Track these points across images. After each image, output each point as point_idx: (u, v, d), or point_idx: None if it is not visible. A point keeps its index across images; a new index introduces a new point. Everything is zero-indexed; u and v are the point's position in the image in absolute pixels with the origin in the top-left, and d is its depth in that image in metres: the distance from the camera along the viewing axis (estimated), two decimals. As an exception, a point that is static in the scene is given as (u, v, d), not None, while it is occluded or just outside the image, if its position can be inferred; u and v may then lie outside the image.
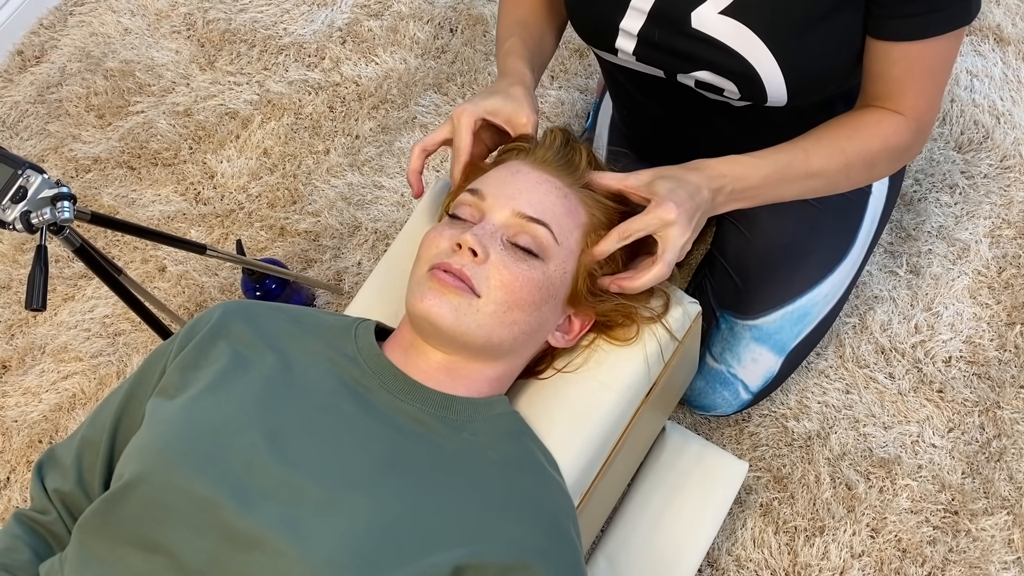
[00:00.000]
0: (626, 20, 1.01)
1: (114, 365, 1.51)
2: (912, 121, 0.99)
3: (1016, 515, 1.26)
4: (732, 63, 0.98)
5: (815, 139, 0.99)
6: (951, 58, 0.97)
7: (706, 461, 1.25)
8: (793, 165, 0.97)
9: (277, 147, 1.67)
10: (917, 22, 0.92)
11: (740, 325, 1.24)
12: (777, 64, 0.96)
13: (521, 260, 0.85)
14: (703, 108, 1.08)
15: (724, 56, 0.98)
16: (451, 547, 0.73)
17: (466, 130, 0.93)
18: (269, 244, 1.58)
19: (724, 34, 0.96)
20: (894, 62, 0.96)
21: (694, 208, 0.89)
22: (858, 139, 0.99)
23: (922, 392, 1.35)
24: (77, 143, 1.73)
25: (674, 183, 0.88)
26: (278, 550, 0.69)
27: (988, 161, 1.50)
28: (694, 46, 0.99)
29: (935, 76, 0.98)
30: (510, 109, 0.94)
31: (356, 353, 0.87)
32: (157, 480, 0.74)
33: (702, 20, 0.97)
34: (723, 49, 0.97)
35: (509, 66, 1.01)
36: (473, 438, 0.83)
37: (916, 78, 0.97)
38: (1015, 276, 1.41)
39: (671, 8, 0.98)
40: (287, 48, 1.78)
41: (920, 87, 0.98)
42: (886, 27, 0.94)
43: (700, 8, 0.96)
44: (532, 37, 1.06)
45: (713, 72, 1.00)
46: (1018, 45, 1.61)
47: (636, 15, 1.00)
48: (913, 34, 0.93)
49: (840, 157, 0.99)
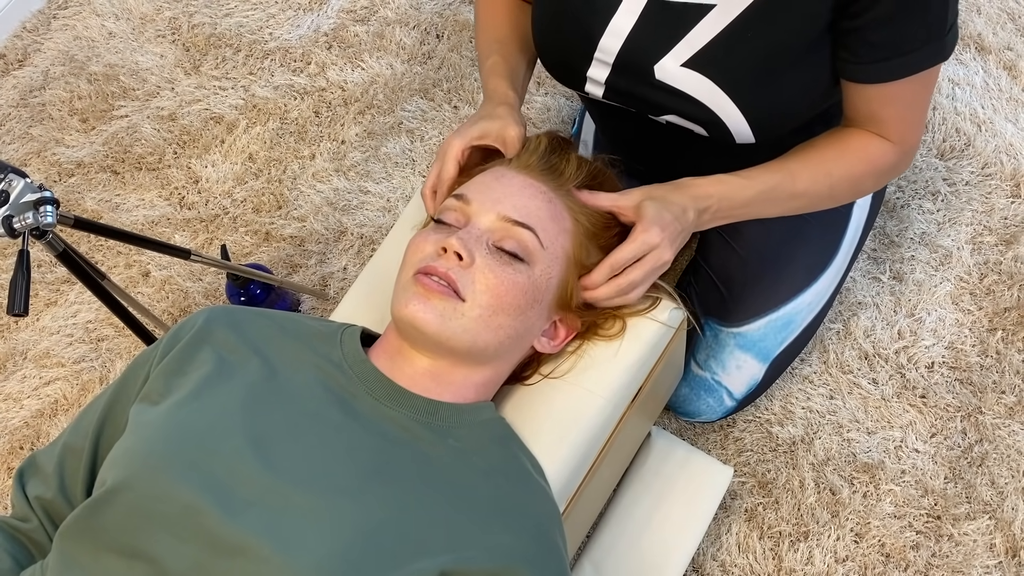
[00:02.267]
0: (592, 69, 1.03)
1: (97, 371, 1.49)
2: (897, 144, 1.00)
3: (998, 520, 1.27)
4: (697, 111, 1.00)
5: (802, 160, 1.00)
6: (930, 87, 0.97)
7: (691, 466, 1.25)
8: (780, 187, 0.98)
9: (262, 152, 1.67)
10: (889, 66, 0.92)
11: (724, 332, 1.25)
12: (741, 113, 0.98)
13: (507, 264, 0.85)
14: (678, 137, 1.09)
15: (688, 105, 1.00)
16: (436, 553, 0.72)
17: (452, 161, 0.94)
18: (254, 249, 1.58)
19: (687, 85, 0.98)
20: (870, 100, 0.97)
21: (678, 230, 0.91)
22: (844, 161, 1.00)
23: (905, 398, 1.35)
24: (60, 147, 1.71)
25: (660, 205, 0.90)
26: (262, 557, 0.68)
27: (970, 168, 1.52)
28: (659, 96, 1.01)
29: (915, 106, 0.98)
30: (497, 127, 0.95)
31: (341, 359, 0.87)
32: (140, 486, 0.74)
33: (665, 72, 0.98)
34: (687, 99, 0.99)
35: (491, 87, 1.02)
36: (459, 444, 0.83)
37: (896, 111, 0.97)
38: (996, 282, 1.43)
39: (634, 60, 0.99)
40: (273, 53, 1.77)
41: (900, 117, 0.98)
42: (858, 72, 0.95)
43: (663, 61, 0.98)
44: (512, 53, 1.07)
45: (680, 117, 1.02)
46: (999, 54, 1.63)
47: (601, 66, 1.02)
48: (886, 77, 0.94)
49: (826, 179, 1.00)
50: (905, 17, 0.88)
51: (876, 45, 0.91)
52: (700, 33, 0.94)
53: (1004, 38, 1.64)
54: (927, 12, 0.89)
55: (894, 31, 0.90)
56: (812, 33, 0.93)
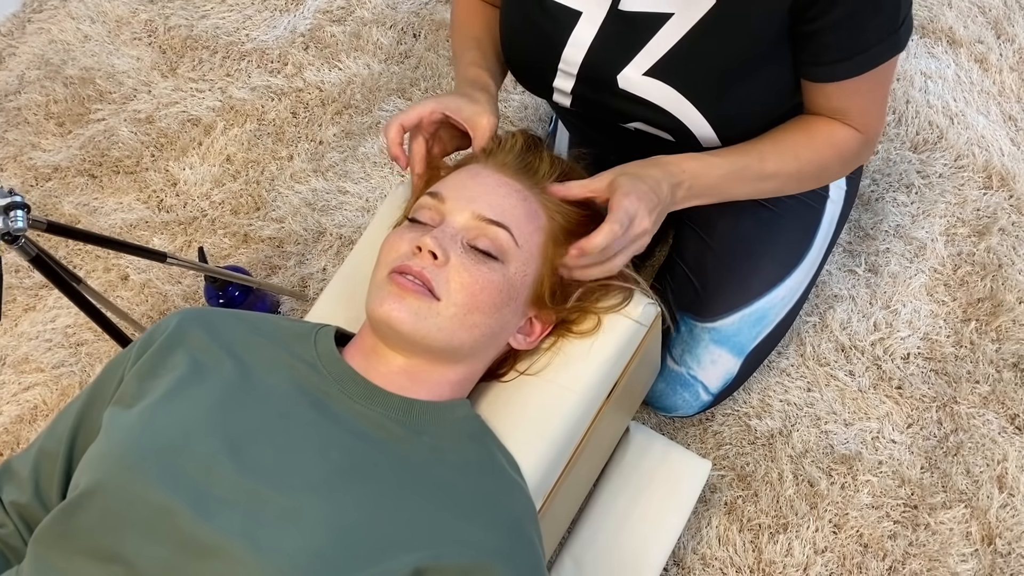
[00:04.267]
0: (558, 80, 1.05)
1: (76, 376, 1.49)
2: (862, 132, 1.03)
3: (974, 508, 1.28)
4: (661, 118, 1.01)
5: (771, 143, 1.02)
6: (889, 78, 1.00)
7: (670, 461, 1.26)
8: (750, 167, 1.00)
9: (240, 153, 1.67)
10: (845, 66, 0.95)
11: (699, 327, 1.26)
12: (704, 119, 1.00)
13: (481, 262, 0.86)
14: (646, 143, 1.11)
15: (653, 113, 1.01)
16: (411, 550, 0.73)
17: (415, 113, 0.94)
18: (233, 251, 1.57)
19: (651, 94, 1.00)
20: (830, 97, 1.00)
21: (655, 202, 0.91)
22: (812, 146, 1.02)
23: (881, 389, 1.37)
24: (37, 151, 1.71)
25: (634, 178, 0.90)
26: (236, 558, 0.68)
27: (943, 161, 1.53)
28: (624, 104, 1.02)
29: (876, 97, 1.01)
30: (471, 111, 0.95)
31: (316, 359, 0.87)
32: (114, 489, 0.74)
33: (628, 81, 1.00)
34: (651, 107, 1.01)
35: (472, 75, 1.03)
36: (434, 442, 0.84)
37: (857, 104, 1.00)
38: (969, 273, 1.44)
39: (597, 71, 1.01)
40: (249, 54, 1.77)
41: (862, 109, 1.01)
42: (816, 72, 0.98)
43: (625, 70, 0.99)
44: (488, 52, 1.09)
45: (646, 124, 1.04)
46: (970, 47, 1.64)
47: (566, 77, 1.04)
48: (842, 76, 0.96)
49: (794, 162, 1.02)
50: (860, 18, 0.91)
51: (833, 46, 0.94)
52: (660, 42, 0.96)
53: (975, 31, 1.66)
54: (880, 11, 0.92)
55: (849, 31, 0.92)
56: (770, 38, 0.95)
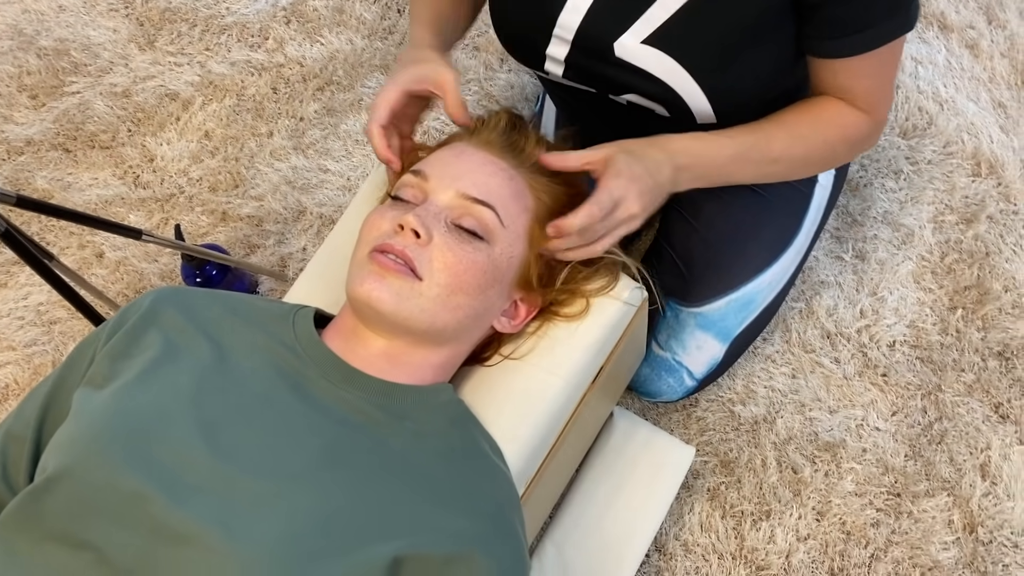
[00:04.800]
0: (551, 47, 1.01)
1: (49, 355, 1.46)
2: (869, 115, 1.01)
3: (956, 496, 1.28)
4: (657, 90, 0.98)
5: (777, 124, 1.00)
6: (896, 57, 0.97)
7: (654, 446, 1.25)
8: (756, 148, 0.98)
9: (219, 130, 1.63)
10: (854, 40, 0.93)
11: (685, 312, 1.24)
12: (701, 91, 0.97)
13: (465, 242, 0.83)
14: (638, 119, 1.08)
15: (649, 83, 0.98)
16: (391, 538, 0.71)
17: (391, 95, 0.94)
18: (211, 229, 1.54)
19: (647, 63, 0.96)
20: (837, 74, 0.97)
21: (650, 185, 0.88)
22: (819, 129, 1.00)
23: (867, 376, 1.36)
24: (9, 124, 1.66)
25: (632, 158, 0.88)
26: (208, 545, 0.66)
27: (932, 147, 1.52)
28: (619, 73, 0.99)
29: (882, 77, 0.99)
30: (429, 71, 0.92)
31: (294, 341, 0.85)
32: (83, 473, 0.71)
33: (625, 49, 0.96)
34: (647, 77, 0.97)
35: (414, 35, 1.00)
36: (415, 427, 0.82)
37: (864, 84, 0.98)
38: (957, 261, 1.43)
39: (594, 37, 0.97)
40: (229, 28, 1.73)
41: (869, 90, 0.99)
42: (821, 47, 0.95)
43: (622, 38, 0.96)
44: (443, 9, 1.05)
45: (641, 96, 1.01)
46: (961, 32, 1.63)
47: (560, 43, 1.00)
48: (849, 52, 0.94)
49: (801, 144, 1.00)
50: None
51: (841, 20, 0.91)
52: (659, 9, 0.93)
53: (966, 16, 1.65)
54: None
55: (858, 5, 0.89)
56: (773, 11, 0.92)
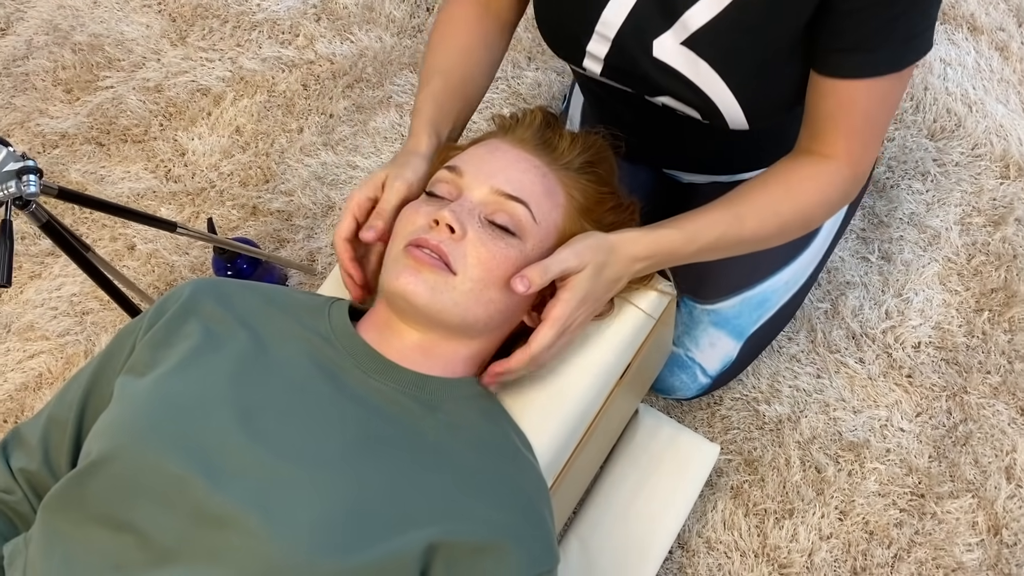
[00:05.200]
0: (592, 44, 1.00)
1: (82, 344, 1.48)
2: (847, 167, 0.95)
3: (981, 498, 1.28)
4: (691, 95, 0.97)
5: (750, 202, 0.96)
6: (891, 101, 0.92)
7: (678, 444, 1.26)
8: (727, 235, 0.94)
9: (250, 125, 1.65)
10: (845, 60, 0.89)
11: (699, 309, 1.25)
12: (735, 98, 0.96)
13: (499, 238, 0.85)
14: (672, 120, 1.07)
15: (683, 87, 0.97)
16: (424, 525, 0.72)
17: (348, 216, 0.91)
18: (241, 223, 1.56)
19: (684, 66, 0.95)
20: (825, 97, 0.93)
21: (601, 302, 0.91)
22: (793, 198, 0.96)
23: (891, 377, 1.36)
24: (44, 118, 1.69)
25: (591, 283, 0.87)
26: (248, 529, 0.68)
27: (960, 149, 1.52)
28: (656, 75, 0.98)
29: (870, 118, 0.93)
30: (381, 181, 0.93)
31: (330, 332, 0.86)
32: (126, 457, 0.73)
33: (663, 49, 0.96)
34: (682, 80, 0.97)
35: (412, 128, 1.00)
36: (448, 418, 0.83)
37: (848, 117, 0.92)
38: (984, 263, 1.43)
39: (635, 36, 0.97)
40: (260, 24, 1.75)
41: (852, 127, 0.93)
42: (818, 60, 0.92)
43: (662, 37, 0.95)
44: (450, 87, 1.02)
45: (675, 99, 1.00)
46: (991, 34, 1.62)
47: (601, 40, 0.99)
48: (842, 73, 0.90)
49: (775, 220, 0.96)
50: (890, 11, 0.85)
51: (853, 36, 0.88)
52: (698, 12, 0.93)
53: (996, 18, 1.64)
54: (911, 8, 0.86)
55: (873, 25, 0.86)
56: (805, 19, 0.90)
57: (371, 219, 0.91)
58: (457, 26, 1.07)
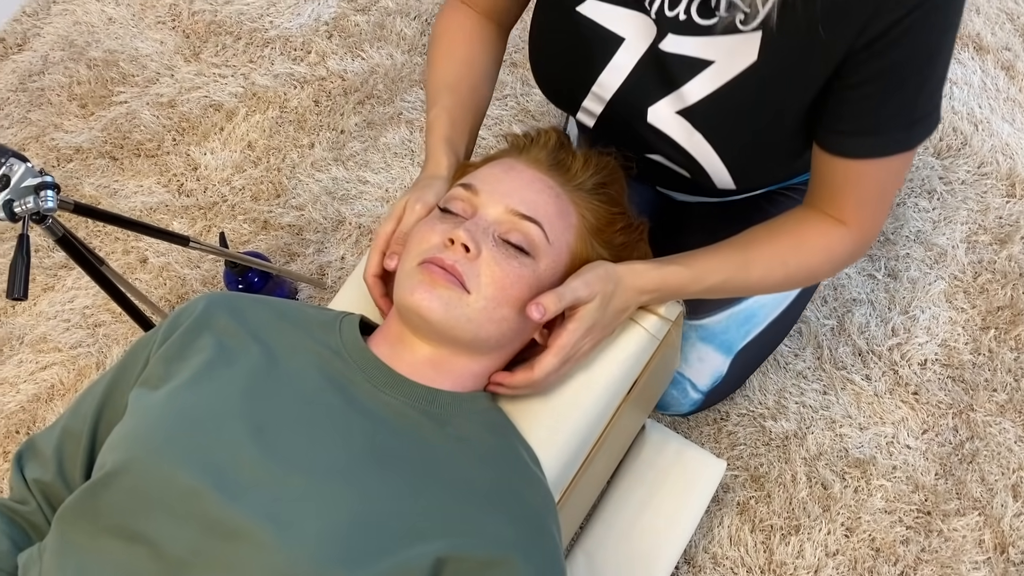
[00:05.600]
0: (587, 101, 1.02)
1: (94, 356, 1.50)
2: (855, 231, 0.95)
3: (987, 516, 1.28)
4: (682, 159, 0.99)
5: (757, 250, 0.97)
6: (898, 176, 0.92)
7: (685, 459, 1.26)
8: (732, 279, 0.95)
9: (261, 140, 1.67)
10: (854, 142, 0.89)
11: (687, 325, 1.25)
12: (725, 167, 0.97)
13: (512, 257, 0.86)
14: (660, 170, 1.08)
15: (675, 151, 0.99)
16: (433, 538, 0.73)
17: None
18: (252, 237, 1.58)
19: (677, 134, 0.97)
20: (834, 171, 0.93)
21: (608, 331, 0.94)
22: (801, 252, 0.96)
23: (898, 394, 1.36)
24: (59, 132, 1.71)
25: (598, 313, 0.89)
26: (261, 541, 0.69)
27: (966, 167, 1.53)
28: (649, 136, 1.00)
29: (877, 192, 0.94)
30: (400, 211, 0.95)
31: (340, 346, 0.87)
32: (140, 469, 0.74)
33: (658, 116, 0.97)
34: (674, 146, 0.98)
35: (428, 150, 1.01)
36: (457, 432, 0.84)
37: (857, 190, 0.93)
38: (990, 281, 1.44)
39: (629, 101, 0.98)
40: (273, 41, 1.77)
41: (860, 199, 0.93)
42: (824, 139, 0.92)
43: (658, 104, 0.96)
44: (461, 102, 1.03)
45: (665, 159, 1.02)
46: (997, 54, 1.63)
47: (597, 100, 1.01)
48: (852, 154, 0.90)
49: (781, 270, 0.97)
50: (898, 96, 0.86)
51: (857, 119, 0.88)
52: (695, 87, 0.93)
53: (1002, 38, 1.65)
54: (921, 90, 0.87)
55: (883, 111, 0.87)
56: (806, 102, 0.91)
57: (393, 246, 0.92)
58: (457, 36, 1.08)
